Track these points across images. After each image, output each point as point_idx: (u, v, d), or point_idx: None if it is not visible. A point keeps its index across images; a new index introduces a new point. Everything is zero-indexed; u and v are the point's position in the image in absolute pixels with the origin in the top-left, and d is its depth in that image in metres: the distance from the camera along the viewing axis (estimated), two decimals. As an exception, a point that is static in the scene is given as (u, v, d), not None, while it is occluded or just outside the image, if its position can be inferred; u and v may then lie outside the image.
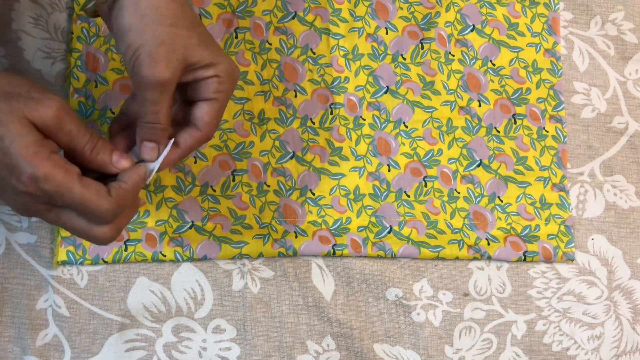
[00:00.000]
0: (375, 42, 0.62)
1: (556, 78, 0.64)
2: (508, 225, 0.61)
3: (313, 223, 0.59)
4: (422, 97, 0.62)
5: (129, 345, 0.57)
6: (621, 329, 0.62)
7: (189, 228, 0.58)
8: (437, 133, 0.62)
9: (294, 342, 0.58)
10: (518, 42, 0.64)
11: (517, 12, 0.64)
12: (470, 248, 0.60)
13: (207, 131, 0.46)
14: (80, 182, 0.41)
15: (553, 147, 0.63)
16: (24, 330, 0.56)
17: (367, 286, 0.60)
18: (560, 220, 0.62)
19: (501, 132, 0.62)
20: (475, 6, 0.64)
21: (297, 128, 0.60)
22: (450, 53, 0.63)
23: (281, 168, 0.60)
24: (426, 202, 0.61)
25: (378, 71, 0.62)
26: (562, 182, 0.62)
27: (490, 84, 0.63)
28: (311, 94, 0.61)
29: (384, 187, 0.60)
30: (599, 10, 0.66)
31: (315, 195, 0.60)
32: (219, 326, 0.58)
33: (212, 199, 0.58)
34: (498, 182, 0.62)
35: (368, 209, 0.60)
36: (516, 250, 0.61)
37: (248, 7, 0.62)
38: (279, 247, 0.58)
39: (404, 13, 0.63)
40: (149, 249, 0.57)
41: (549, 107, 0.63)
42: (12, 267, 0.57)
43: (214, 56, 0.44)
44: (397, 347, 0.59)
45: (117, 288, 0.57)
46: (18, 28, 0.59)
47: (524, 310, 0.61)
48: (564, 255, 0.61)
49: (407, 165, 0.61)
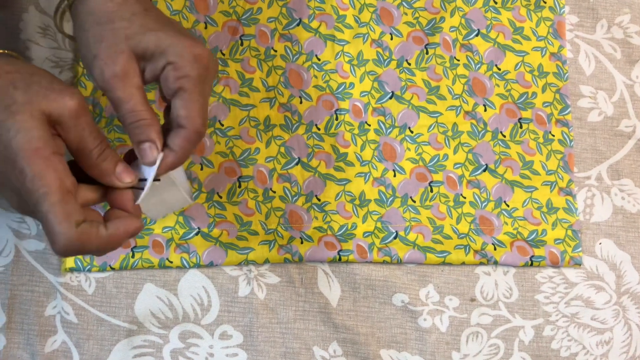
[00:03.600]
0: (380, 48, 0.62)
1: (562, 82, 0.64)
2: (515, 230, 0.61)
3: (319, 229, 0.59)
4: (427, 102, 0.62)
5: (137, 352, 0.57)
6: (630, 334, 0.61)
7: (195, 234, 0.58)
8: (443, 138, 0.62)
9: (301, 348, 0.59)
10: (523, 46, 0.64)
11: (522, 16, 0.64)
12: (476, 253, 0.60)
13: (191, 125, 0.42)
14: (61, 195, 0.38)
15: (559, 151, 0.62)
16: (32, 337, 0.57)
17: (374, 292, 0.60)
18: (567, 224, 0.61)
19: (507, 136, 0.62)
20: (480, 11, 0.64)
21: (303, 134, 0.60)
22: (455, 58, 0.63)
23: (287, 174, 0.60)
24: (432, 207, 0.61)
25: (383, 77, 0.62)
26: (569, 186, 0.62)
27: (496, 88, 0.63)
28: (316, 100, 0.61)
29: (389, 193, 0.60)
30: (605, 13, 0.66)
31: (320, 201, 0.60)
32: (225, 332, 0.58)
33: (218, 205, 0.59)
34: (504, 187, 0.62)
35: (374, 215, 0.60)
36: (523, 255, 0.60)
37: (253, 14, 0.62)
38: (285, 253, 0.58)
39: (408, 18, 0.63)
40: (156, 256, 0.57)
41: (555, 111, 0.63)
42: (21, 274, 0.57)
43: (162, 40, 0.42)
44: (404, 353, 0.59)
45: (124, 294, 0.58)
46: (26, 38, 0.60)
47: (531, 316, 0.60)
48: (571, 259, 0.61)
49: (413, 170, 0.61)
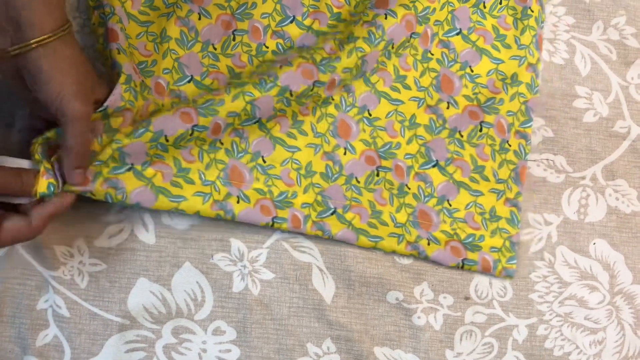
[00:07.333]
0: (373, 27, 0.61)
1: (531, 94, 0.64)
2: (452, 230, 0.60)
3: (258, 191, 0.58)
4: (391, 89, 0.62)
5: (129, 347, 0.57)
6: (623, 334, 0.61)
7: (127, 170, 0.54)
8: (399, 127, 0.61)
9: (294, 345, 0.58)
10: (501, 54, 0.64)
11: (508, 24, 0.64)
12: (409, 244, 0.60)
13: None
14: None
15: (513, 162, 0.62)
16: (24, 331, 0.56)
17: (368, 289, 0.60)
18: (506, 235, 0.61)
19: (464, 137, 0.62)
20: (468, 10, 0.64)
21: (274, 96, 0.57)
22: (430, 52, 0.63)
23: (241, 129, 0.58)
24: (375, 191, 0.60)
25: (369, 56, 0.60)
26: (517, 198, 0.62)
27: (464, 89, 0.63)
28: (296, 66, 0.58)
29: (336, 169, 0.60)
30: (601, 15, 0.66)
31: (266, 162, 0.58)
32: (219, 328, 0.58)
33: (160, 147, 0.55)
34: (450, 186, 0.61)
35: (316, 187, 0.59)
36: (455, 256, 0.60)
37: (247, 9, 0.62)
38: (219, 209, 0.56)
39: (405, 1, 0.62)
40: (80, 187, 0.52)
41: (517, 121, 0.63)
42: (14, 267, 0.57)
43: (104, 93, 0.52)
44: (398, 351, 0.59)
45: (117, 289, 0.57)
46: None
47: (525, 315, 0.60)
48: (503, 270, 0.60)
49: (364, 152, 0.60)
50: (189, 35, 0.60)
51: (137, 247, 0.58)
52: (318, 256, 0.59)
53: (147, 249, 0.58)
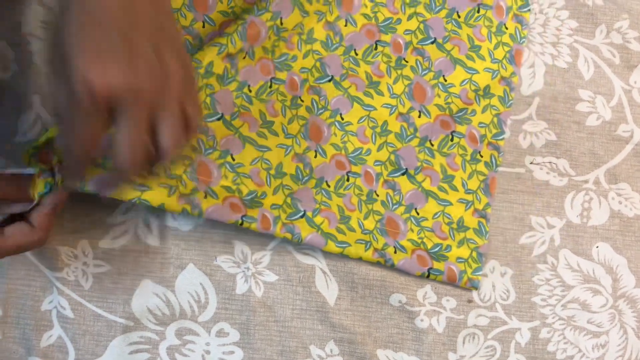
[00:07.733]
0: (331, 31, 0.61)
1: (504, 107, 0.63)
2: (419, 239, 0.60)
3: (226, 188, 0.56)
4: (364, 95, 0.61)
5: (133, 348, 0.57)
6: (626, 338, 0.61)
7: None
8: (371, 133, 0.61)
9: (297, 347, 0.58)
10: (476, 64, 0.63)
11: (483, 35, 0.64)
12: (376, 251, 0.59)
13: None
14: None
15: (483, 173, 0.62)
16: (28, 331, 0.56)
17: (371, 291, 0.60)
18: (473, 245, 0.61)
19: (435, 146, 0.62)
20: (442, 21, 0.64)
21: (233, 91, 0.57)
22: (404, 59, 0.62)
23: (206, 127, 0.57)
24: (345, 196, 0.60)
25: (327, 59, 0.61)
26: (485, 209, 0.62)
27: (436, 98, 0.62)
28: (257, 61, 0.58)
29: (306, 172, 0.59)
30: (604, 18, 0.66)
31: (235, 161, 0.57)
32: (222, 330, 0.58)
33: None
34: (419, 195, 0.61)
35: (286, 189, 0.58)
36: (421, 265, 0.60)
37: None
38: (185, 203, 0.55)
39: (367, 11, 0.62)
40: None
41: (489, 133, 0.63)
42: (18, 268, 0.57)
43: None
44: (400, 353, 0.59)
45: (121, 290, 0.58)
46: (28, 32, 0.60)
47: (528, 318, 0.61)
48: (469, 281, 0.60)
49: (334, 156, 0.60)
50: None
51: (141, 249, 0.58)
52: (321, 259, 0.59)
53: (151, 250, 0.58)
